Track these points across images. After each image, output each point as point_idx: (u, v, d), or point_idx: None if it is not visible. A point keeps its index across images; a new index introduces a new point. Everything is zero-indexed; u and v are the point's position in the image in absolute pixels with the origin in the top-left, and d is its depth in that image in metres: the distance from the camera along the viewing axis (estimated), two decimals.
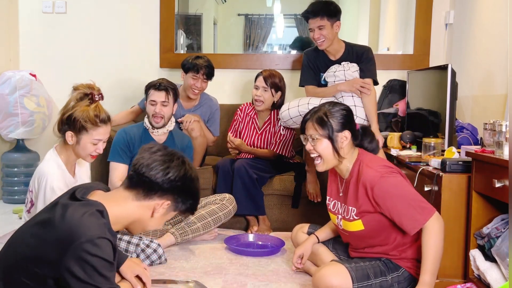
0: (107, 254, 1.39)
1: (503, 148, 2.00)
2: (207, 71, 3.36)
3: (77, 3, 4.03)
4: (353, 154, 2.09)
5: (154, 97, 2.90)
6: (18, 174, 3.82)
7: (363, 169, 2.01)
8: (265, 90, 3.31)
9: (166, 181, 1.51)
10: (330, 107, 2.08)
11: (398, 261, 2.04)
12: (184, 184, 1.55)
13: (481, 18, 3.23)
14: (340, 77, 3.14)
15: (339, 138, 2.04)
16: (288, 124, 3.25)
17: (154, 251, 2.49)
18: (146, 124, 2.97)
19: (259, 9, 5.05)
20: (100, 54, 4.05)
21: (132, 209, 1.52)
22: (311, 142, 2.07)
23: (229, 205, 2.93)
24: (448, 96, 2.62)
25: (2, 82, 3.66)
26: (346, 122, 2.06)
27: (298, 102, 3.17)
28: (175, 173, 1.52)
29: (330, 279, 1.95)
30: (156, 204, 1.53)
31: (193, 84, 3.35)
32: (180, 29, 4.32)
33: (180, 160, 1.57)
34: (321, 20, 3.08)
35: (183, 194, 1.56)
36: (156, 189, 1.51)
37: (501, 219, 2.13)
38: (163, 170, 1.51)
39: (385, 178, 1.95)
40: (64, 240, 1.35)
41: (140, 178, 1.51)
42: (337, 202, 2.16)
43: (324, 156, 2.06)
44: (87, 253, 1.34)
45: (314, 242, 2.33)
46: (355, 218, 2.04)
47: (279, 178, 3.30)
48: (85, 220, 1.39)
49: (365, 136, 2.14)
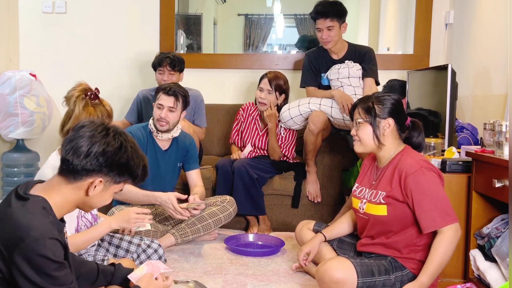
0: (55, 254, 1.36)
1: (503, 148, 2.00)
2: (170, 62, 3.31)
3: (77, 3, 4.02)
4: (398, 146, 2.10)
5: (162, 101, 2.79)
6: (18, 174, 3.81)
7: (405, 158, 2.03)
8: (270, 92, 3.30)
9: (85, 162, 1.44)
10: (379, 95, 2.12)
11: (404, 261, 2.04)
12: (107, 160, 1.46)
13: (481, 18, 3.23)
14: (344, 74, 3.18)
15: (381, 124, 2.06)
16: (288, 124, 3.25)
17: (155, 251, 2.49)
18: (151, 126, 2.87)
19: (259, 9, 5.05)
20: (100, 54, 4.04)
21: (68, 193, 1.48)
22: (355, 127, 2.11)
23: (229, 207, 2.92)
24: (448, 96, 2.62)
25: (2, 82, 3.66)
26: (392, 111, 2.07)
27: (299, 102, 3.19)
28: (95, 150, 1.44)
29: (335, 273, 1.95)
30: (87, 184, 1.48)
31: (161, 78, 3.32)
32: (180, 29, 4.31)
33: (103, 133, 1.47)
34: (331, 21, 3.13)
35: (112, 168, 1.48)
36: (80, 171, 1.45)
37: (501, 219, 2.13)
38: (82, 153, 1.44)
39: (422, 171, 1.96)
40: (11, 239, 1.34)
41: (63, 162, 1.47)
42: (366, 189, 2.16)
43: (363, 140, 2.09)
44: (34, 253, 1.32)
45: (322, 240, 2.33)
46: (381, 202, 2.04)
47: (279, 178, 3.30)
48: (30, 220, 1.37)
49: (414, 130, 2.14)
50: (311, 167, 3.23)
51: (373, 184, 2.14)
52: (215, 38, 5.31)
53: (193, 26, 4.75)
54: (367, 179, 2.20)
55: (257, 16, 5.16)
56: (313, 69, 3.33)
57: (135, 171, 1.52)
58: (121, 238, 2.48)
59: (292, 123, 3.23)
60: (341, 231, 2.35)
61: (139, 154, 1.53)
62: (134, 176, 1.54)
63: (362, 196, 2.16)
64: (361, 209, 2.14)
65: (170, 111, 2.79)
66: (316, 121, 3.09)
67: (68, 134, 1.50)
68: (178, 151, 2.95)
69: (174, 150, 2.94)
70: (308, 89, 3.35)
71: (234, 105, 3.79)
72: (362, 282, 1.95)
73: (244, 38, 5.20)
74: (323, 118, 3.11)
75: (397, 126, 2.08)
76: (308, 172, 3.25)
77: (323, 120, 3.10)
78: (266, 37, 5.05)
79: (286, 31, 4.98)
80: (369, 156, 2.26)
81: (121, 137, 1.50)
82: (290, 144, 3.36)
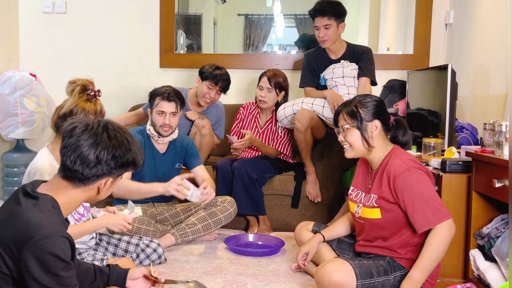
0: (64, 253, 1.36)
1: (503, 148, 2.00)
2: (224, 85, 3.35)
3: (77, 3, 4.02)
4: (386, 146, 2.10)
5: (164, 108, 2.80)
6: (18, 174, 3.81)
7: (393, 160, 2.03)
8: (270, 91, 3.31)
9: (96, 170, 1.44)
10: (361, 98, 2.12)
11: (403, 261, 2.04)
12: (117, 162, 1.47)
13: (481, 18, 3.23)
14: (338, 73, 3.21)
15: (369, 127, 2.06)
16: (283, 123, 3.28)
17: (154, 251, 2.49)
18: (150, 132, 2.88)
19: (259, 9, 5.05)
20: (100, 54, 4.05)
21: (76, 195, 1.49)
22: (342, 133, 2.11)
23: (230, 208, 2.92)
24: (448, 96, 2.62)
25: (2, 82, 3.66)
26: (377, 112, 2.08)
27: (293, 102, 3.24)
28: (105, 157, 1.44)
29: (334, 275, 1.95)
30: (98, 185, 1.49)
31: (207, 93, 3.32)
32: (180, 29, 4.31)
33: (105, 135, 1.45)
34: (328, 20, 3.16)
35: (119, 168, 1.49)
36: (90, 178, 1.46)
37: (501, 219, 2.13)
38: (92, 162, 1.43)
39: (410, 171, 1.96)
40: (22, 237, 1.33)
41: (69, 171, 1.45)
42: (362, 193, 2.17)
43: (354, 145, 2.09)
44: (44, 251, 1.32)
45: (320, 240, 2.33)
46: (374, 206, 2.05)
47: (279, 178, 3.30)
48: (40, 218, 1.37)
49: (399, 128, 2.15)
50: (309, 167, 3.24)
51: (369, 187, 2.14)
52: (215, 38, 5.30)
53: (193, 26, 4.74)
54: (363, 183, 2.20)
55: (257, 16, 5.15)
56: (311, 70, 3.37)
57: (139, 162, 1.54)
58: (119, 238, 2.49)
59: (287, 122, 3.26)
60: (340, 232, 2.36)
61: (135, 142, 1.54)
62: (138, 166, 1.55)
63: (359, 200, 2.16)
64: (356, 214, 2.15)
65: (172, 116, 2.82)
66: (300, 118, 3.12)
67: (64, 138, 1.47)
68: (176, 153, 2.97)
69: (172, 152, 2.96)
70: (306, 89, 3.40)
71: (234, 105, 3.79)
72: (361, 284, 1.95)
73: (244, 38, 5.20)
74: (307, 116, 3.12)
75: (383, 126, 2.08)
76: (307, 172, 3.25)
77: (307, 117, 3.12)
78: (266, 37, 5.05)
79: (286, 31, 4.98)
80: (361, 160, 2.25)
81: (121, 132, 1.50)
82: (286, 142, 3.38)
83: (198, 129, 3.27)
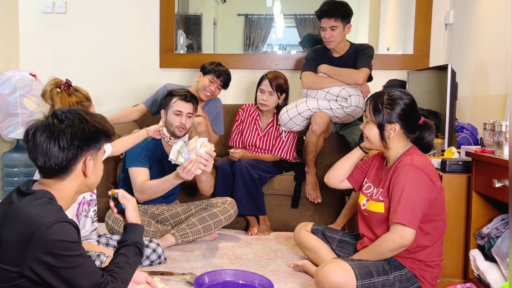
0: (70, 236, 1.37)
1: (503, 148, 2.00)
2: (226, 79, 3.40)
3: (77, 3, 4.02)
4: (405, 146, 2.10)
5: (181, 108, 2.79)
6: (18, 174, 3.81)
7: (405, 157, 2.03)
8: (271, 94, 3.30)
9: (65, 156, 1.44)
10: (392, 94, 2.08)
11: (403, 260, 2.04)
12: (81, 138, 1.46)
13: (481, 18, 3.23)
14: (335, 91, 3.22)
15: (387, 127, 2.06)
16: (288, 126, 3.26)
17: (153, 251, 2.49)
18: (164, 133, 2.87)
19: (259, 9, 5.04)
20: (100, 54, 4.05)
21: (67, 186, 1.49)
22: (364, 124, 2.15)
23: (230, 209, 2.92)
24: (448, 96, 2.62)
25: (2, 82, 3.66)
26: (402, 116, 2.05)
27: (296, 103, 3.24)
28: (65, 140, 1.44)
29: (334, 276, 1.94)
30: (80, 168, 1.49)
31: (208, 86, 3.35)
32: (180, 29, 4.32)
33: (56, 121, 1.46)
34: (335, 21, 3.16)
35: (89, 141, 1.49)
36: (66, 165, 1.46)
37: (501, 219, 2.13)
38: (56, 151, 1.43)
39: (411, 168, 1.96)
40: (25, 232, 1.34)
41: (45, 170, 1.46)
42: (374, 187, 2.17)
43: (370, 139, 2.12)
44: (51, 239, 1.33)
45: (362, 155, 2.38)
46: (380, 200, 2.06)
47: (279, 178, 3.30)
48: (40, 210, 1.37)
49: (426, 130, 2.10)
50: (310, 168, 3.23)
51: (380, 183, 2.15)
52: (215, 38, 5.30)
53: (193, 26, 4.74)
54: (377, 178, 2.20)
55: (257, 16, 5.15)
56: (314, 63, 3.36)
57: (105, 129, 1.53)
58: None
59: (292, 124, 3.24)
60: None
61: (91, 113, 1.54)
62: (108, 134, 1.54)
63: (369, 194, 2.17)
64: (363, 206, 2.16)
65: (188, 117, 2.83)
66: (319, 122, 3.11)
67: (26, 146, 1.48)
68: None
69: None
70: (306, 73, 3.33)
71: (234, 105, 3.79)
72: (361, 284, 1.94)
73: (244, 38, 5.20)
74: (326, 119, 3.12)
75: (404, 130, 2.07)
76: (308, 173, 3.24)
77: (326, 121, 3.12)
78: (266, 37, 5.04)
79: (286, 31, 4.97)
80: (378, 154, 2.26)
81: (71, 111, 1.50)
82: (290, 147, 3.37)
83: (194, 126, 3.26)
